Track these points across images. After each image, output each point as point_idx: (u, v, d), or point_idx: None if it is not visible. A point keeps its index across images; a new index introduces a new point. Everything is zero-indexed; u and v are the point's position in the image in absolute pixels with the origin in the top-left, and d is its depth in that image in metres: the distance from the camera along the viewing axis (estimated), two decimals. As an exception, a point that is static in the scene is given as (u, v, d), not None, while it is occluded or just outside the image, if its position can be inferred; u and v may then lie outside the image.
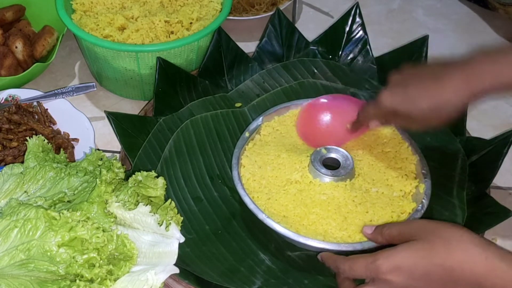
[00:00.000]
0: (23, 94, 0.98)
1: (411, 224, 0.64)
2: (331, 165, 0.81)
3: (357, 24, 1.07)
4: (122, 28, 0.99)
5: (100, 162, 0.79)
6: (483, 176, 0.85)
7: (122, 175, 0.77)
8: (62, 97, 0.98)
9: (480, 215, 0.80)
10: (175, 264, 0.69)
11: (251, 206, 0.76)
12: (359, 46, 1.06)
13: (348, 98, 0.90)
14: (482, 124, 1.01)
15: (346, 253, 0.68)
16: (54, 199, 0.71)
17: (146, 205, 0.71)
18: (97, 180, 0.70)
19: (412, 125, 0.74)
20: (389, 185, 0.79)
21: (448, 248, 0.58)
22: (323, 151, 0.81)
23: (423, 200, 0.77)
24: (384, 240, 0.67)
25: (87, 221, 0.66)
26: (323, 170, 0.79)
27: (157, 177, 0.76)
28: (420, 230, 0.62)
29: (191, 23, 1.01)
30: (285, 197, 0.78)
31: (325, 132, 0.86)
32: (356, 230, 0.74)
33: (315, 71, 1.03)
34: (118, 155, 0.90)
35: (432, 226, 0.62)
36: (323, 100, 0.89)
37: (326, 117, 0.87)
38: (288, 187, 0.79)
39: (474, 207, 0.81)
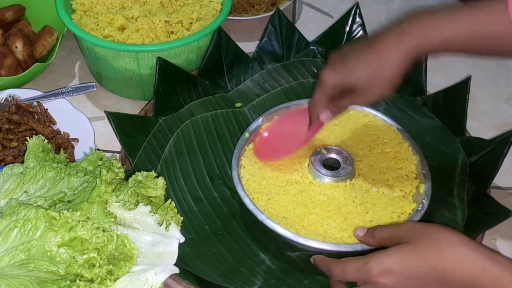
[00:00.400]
0: (23, 94, 0.98)
1: (401, 227, 0.63)
2: (331, 166, 0.81)
3: (357, 24, 1.07)
4: (122, 28, 0.99)
5: (100, 162, 0.79)
6: (483, 176, 0.85)
7: (122, 175, 0.76)
8: (62, 97, 0.98)
9: (480, 215, 0.80)
10: (175, 264, 0.69)
11: (251, 207, 0.76)
12: (359, 46, 1.06)
13: (299, 111, 0.88)
14: (482, 124, 1.01)
15: (347, 254, 0.68)
16: (54, 199, 0.71)
17: (146, 205, 0.71)
18: (97, 180, 0.70)
19: (360, 99, 0.73)
20: (390, 186, 0.79)
21: (437, 250, 0.58)
22: (323, 151, 0.81)
23: (424, 201, 0.77)
24: (376, 242, 0.66)
25: (87, 221, 0.66)
26: (323, 170, 0.79)
27: (157, 177, 0.76)
28: (410, 232, 0.61)
29: (191, 23, 1.01)
30: (285, 198, 0.78)
31: (280, 142, 0.85)
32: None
33: (315, 71, 1.03)
34: (118, 155, 0.90)
35: (422, 229, 0.61)
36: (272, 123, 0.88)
37: (276, 129, 0.87)
38: (288, 188, 0.79)
39: (474, 207, 0.81)
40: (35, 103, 0.97)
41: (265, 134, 0.87)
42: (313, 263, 0.70)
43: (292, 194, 0.78)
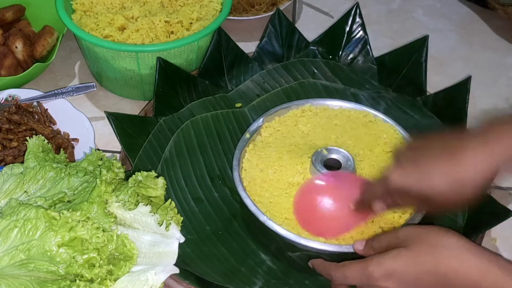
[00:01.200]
0: (23, 94, 0.98)
1: (398, 232, 0.63)
2: (333, 166, 0.81)
3: (357, 24, 1.07)
4: (122, 28, 0.99)
5: (100, 162, 0.78)
6: (484, 176, 0.84)
7: (122, 175, 0.76)
8: (62, 97, 0.98)
9: (481, 215, 0.80)
10: (175, 264, 0.69)
11: (252, 208, 0.76)
12: (359, 46, 1.06)
13: (349, 176, 0.80)
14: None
15: (348, 254, 0.69)
16: (54, 199, 0.70)
17: (146, 205, 0.71)
18: (97, 180, 0.70)
19: (427, 207, 0.67)
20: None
21: (434, 255, 0.58)
22: (324, 152, 0.81)
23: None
24: (376, 253, 0.64)
25: (87, 221, 0.66)
26: (324, 171, 0.79)
27: (157, 177, 0.76)
28: (406, 237, 0.61)
29: (191, 23, 1.01)
30: (287, 200, 0.78)
31: (328, 220, 0.77)
32: (358, 231, 0.74)
33: (315, 71, 1.03)
34: (118, 155, 0.90)
35: (419, 233, 0.61)
36: (322, 181, 0.79)
37: (328, 203, 0.78)
38: (290, 190, 0.79)
39: (474, 207, 0.81)
40: (35, 103, 0.97)
41: (309, 192, 0.79)
42: (311, 267, 0.70)
43: (293, 195, 0.78)
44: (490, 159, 0.60)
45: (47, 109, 0.97)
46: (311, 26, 1.23)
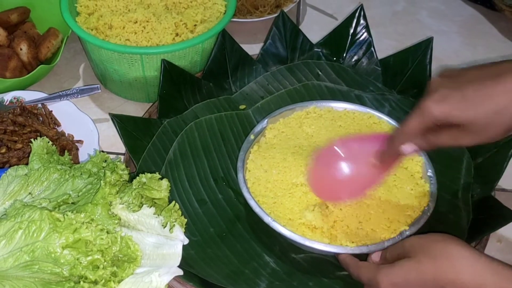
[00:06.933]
0: (28, 96, 0.99)
1: (404, 244, 0.65)
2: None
3: (362, 26, 1.07)
4: (126, 31, 0.99)
5: (104, 164, 0.79)
6: (488, 178, 0.84)
7: (126, 177, 0.77)
8: (67, 99, 0.98)
9: (485, 217, 0.80)
10: (179, 266, 0.68)
11: (256, 209, 0.76)
12: (364, 48, 1.06)
13: (367, 136, 0.77)
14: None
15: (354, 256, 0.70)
16: (59, 200, 0.71)
17: (150, 207, 0.71)
18: (101, 182, 0.70)
19: (465, 138, 0.62)
20: (396, 186, 0.79)
21: (434, 264, 0.60)
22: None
23: (429, 203, 0.76)
24: (388, 263, 0.67)
25: (91, 223, 0.66)
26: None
27: (161, 179, 0.76)
28: (411, 248, 0.63)
29: (195, 25, 1.01)
30: (291, 200, 0.78)
31: (344, 183, 0.76)
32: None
33: (320, 73, 1.03)
34: (122, 157, 0.90)
35: (421, 243, 0.63)
36: (337, 146, 0.77)
37: (343, 166, 0.76)
38: (294, 191, 0.79)
39: (479, 210, 0.81)
40: (39, 105, 0.98)
41: (321, 163, 0.77)
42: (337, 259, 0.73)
43: (297, 196, 0.78)
44: None
45: (51, 111, 0.97)
46: (315, 28, 1.23)
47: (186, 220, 0.76)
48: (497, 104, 0.58)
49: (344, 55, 1.07)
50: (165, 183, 0.76)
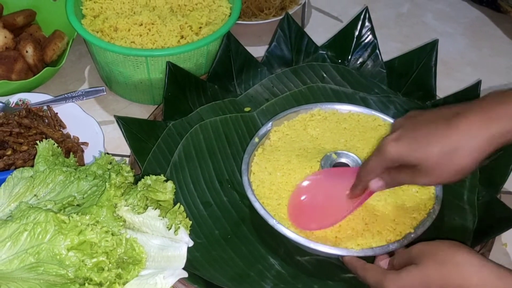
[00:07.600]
0: (34, 98, 0.99)
1: (410, 250, 0.65)
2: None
3: (367, 29, 1.07)
4: (131, 33, 1.00)
5: (109, 166, 0.79)
6: (494, 181, 0.84)
7: (131, 179, 0.77)
8: (72, 101, 0.98)
9: (491, 220, 0.79)
10: (184, 268, 0.69)
11: (261, 211, 0.76)
12: (369, 50, 1.06)
13: (343, 169, 0.79)
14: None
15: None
16: (64, 202, 0.71)
17: (155, 209, 0.71)
18: (107, 184, 0.70)
19: (423, 179, 0.63)
20: (402, 188, 0.79)
21: (441, 271, 0.60)
22: (333, 156, 0.81)
23: (434, 205, 0.76)
24: (395, 269, 0.67)
25: (96, 225, 0.66)
26: None
27: (166, 181, 0.77)
28: (418, 254, 0.63)
29: (200, 27, 1.02)
30: (295, 202, 0.78)
31: (317, 207, 0.77)
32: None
33: (324, 75, 1.03)
34: (127, 159, 0.90)
35: (428, 250, 0.63)
36: (311, 177, 0.79)
37: (311, 191, 0.78)
38: (298, 192, 0.79)
39: (484, 212, 0.81)
40: (45, 107, 0.98)
41: (301, 197, 0.78)
42: (343, 262, 0.73)
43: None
44: (486, 127, 0.59)
45: (57, 113, 0.98)
46: (320, 30, 1.23)
47: (191, 222, 0.76)
48: (446, 146, 0.59)
49: (349, 57, 1.06)
50: (170, 185, 0.76)
